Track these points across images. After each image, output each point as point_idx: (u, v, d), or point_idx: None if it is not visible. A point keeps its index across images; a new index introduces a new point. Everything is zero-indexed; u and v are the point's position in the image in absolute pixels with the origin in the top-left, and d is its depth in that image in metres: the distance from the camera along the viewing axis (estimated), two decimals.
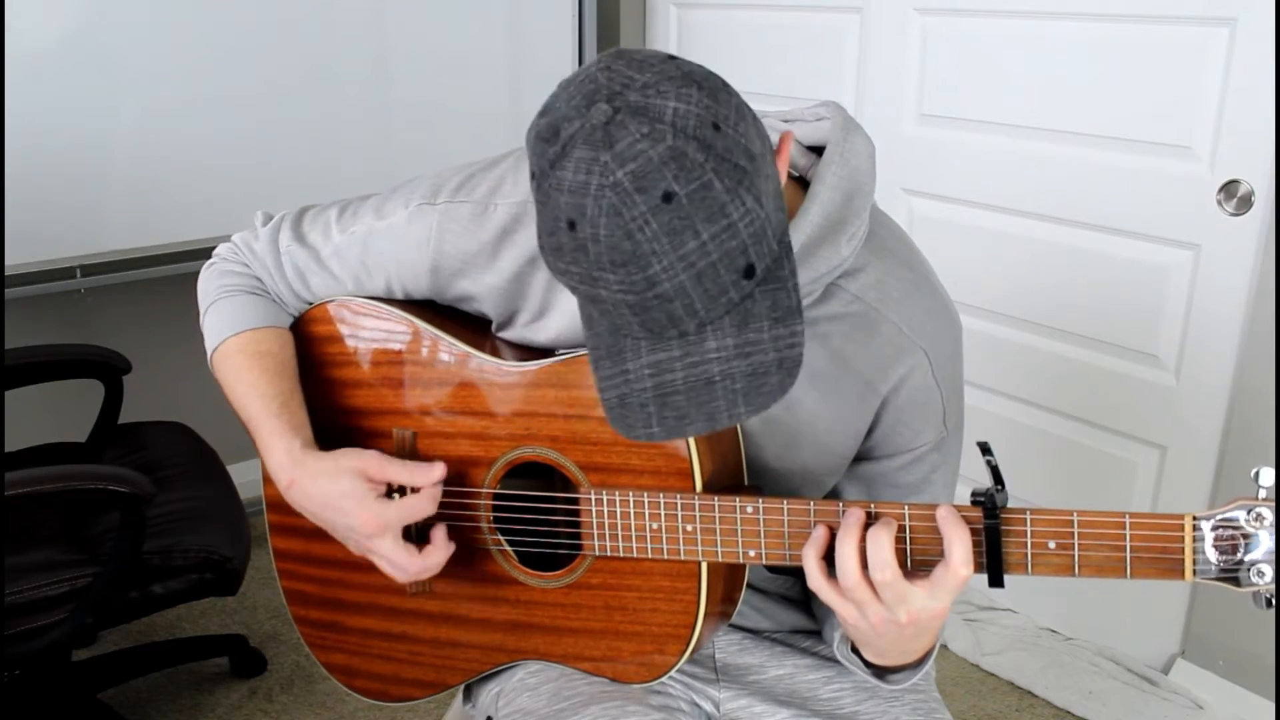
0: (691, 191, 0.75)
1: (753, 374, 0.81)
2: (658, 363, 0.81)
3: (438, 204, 1.08)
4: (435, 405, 1.11)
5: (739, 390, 0.81)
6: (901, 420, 1.03)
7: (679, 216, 0.75)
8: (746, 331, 0.80)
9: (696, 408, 0.82)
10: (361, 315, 1.14)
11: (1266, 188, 1.90)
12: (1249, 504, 0.84)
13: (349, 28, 2.52)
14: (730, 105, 0.79)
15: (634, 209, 0.75)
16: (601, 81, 0.78)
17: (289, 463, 1.06)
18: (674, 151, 0.75)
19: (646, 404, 0.82)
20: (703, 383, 0.81)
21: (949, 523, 0.88)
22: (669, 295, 0.78)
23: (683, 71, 0.79)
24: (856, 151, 0.99)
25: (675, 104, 0.77)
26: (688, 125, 0.76)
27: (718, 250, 0.77)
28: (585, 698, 1.08)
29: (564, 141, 0.77)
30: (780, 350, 0.82)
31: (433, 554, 1.05)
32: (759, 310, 0.80)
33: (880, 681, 1.05)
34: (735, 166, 0.77)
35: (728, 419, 0.82)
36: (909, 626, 0.90)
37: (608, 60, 0.81)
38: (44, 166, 2.19)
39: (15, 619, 1.58)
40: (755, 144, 0.80)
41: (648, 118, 0.76)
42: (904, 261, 1.04)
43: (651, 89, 0.77)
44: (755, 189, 0.78)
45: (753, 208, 0.78)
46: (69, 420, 2.15)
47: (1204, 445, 2.07)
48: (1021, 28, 2.20)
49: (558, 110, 0.79)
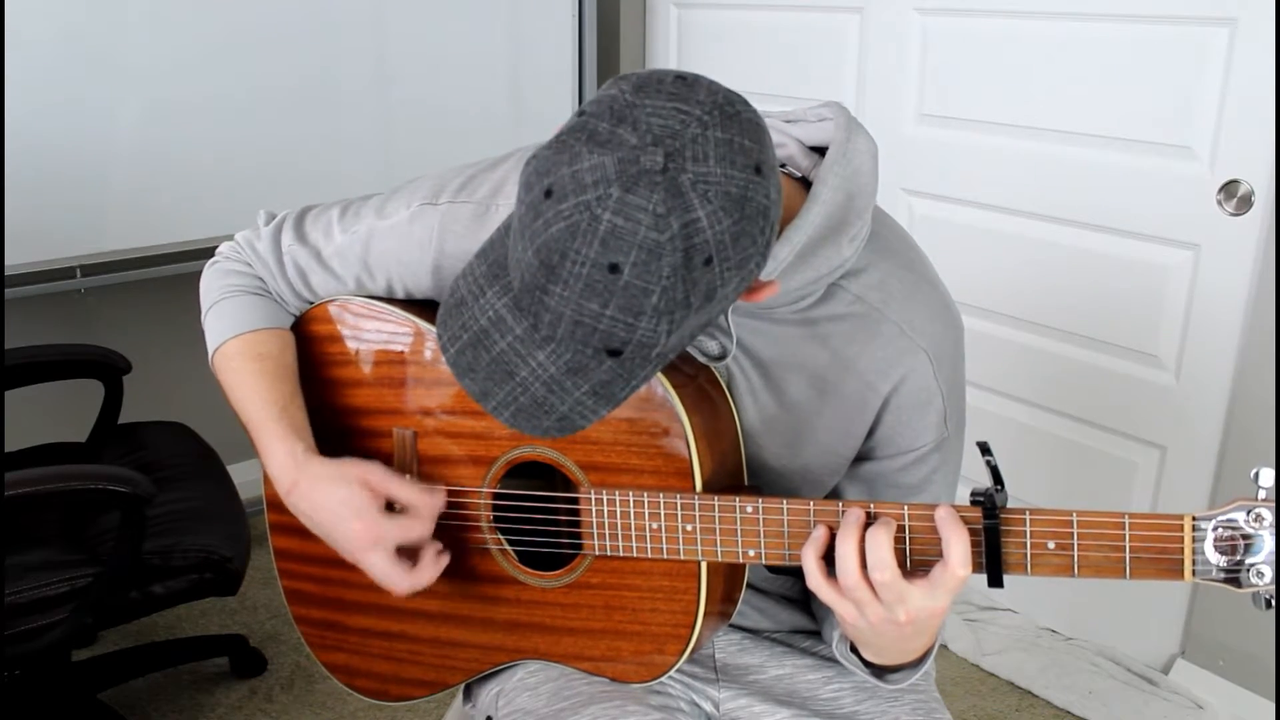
0: (630, 283, 0.76)
1: (537, 404, 0.83)
2: (502, 320, 0.82)
3: (439, 204, 1.08)
4: (435, 405, 1.11)
5: (520, 402, 0.83)
6: (902, 421, 1.03)
7: (606, 286, 0.76)
8: (570, 377, 0.81)
9: (485, 376, 0.84)
10: (362, 315, 1.14)
11: (1266, 188, 1.90)
12: (1249, 504, 0.84)
13: (349, 28, 2.52)
14: (742, 250, 0.78)
15: (586, 247, 0.76)
16: (684, 132, 0.76)
17: (291, 466, 1.07)
18: (655, 250, 0.75)
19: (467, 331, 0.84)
20: (505, 370, 0.83)
21: (947, 523, 0.88)
22: (551, 309, 0.79)
23: (746, 178, 0.77)
24: (859, 152, 0.99)
25: (703, 214, 0.76)
26: (690, 243, 0.76)
27: (607, 327, 0.78)
28: (585, 697, 1.08)
29: (606, 140, 0.76)
30: (571, 412, 0.83)
31: (422, 572, 1.06)
32: (593, 374, 0.81)
33: (879, 681, 1.05)
34: (681, 301, 0.77)
35: (488, 406, 0.85)
36: (908, 626, 0.91)
37: (714, 99, 0.78)
38: (44, 166, 2.19)
39: (15, 619, 1.58)
40: (729, 286, 0.79)
41: (674, 203, 0.75)
42: (906, 262, 1.04)
43: (702, 182, 0.76)
44: (674, 323, 0.78)
45: (659, 333, 0.78)
46: (69, 420, 2.15)
47: (1204, 445, 2.07)
48: (1021, 28, 2.20)
49: (643, 107, 0.77)
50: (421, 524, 1.05)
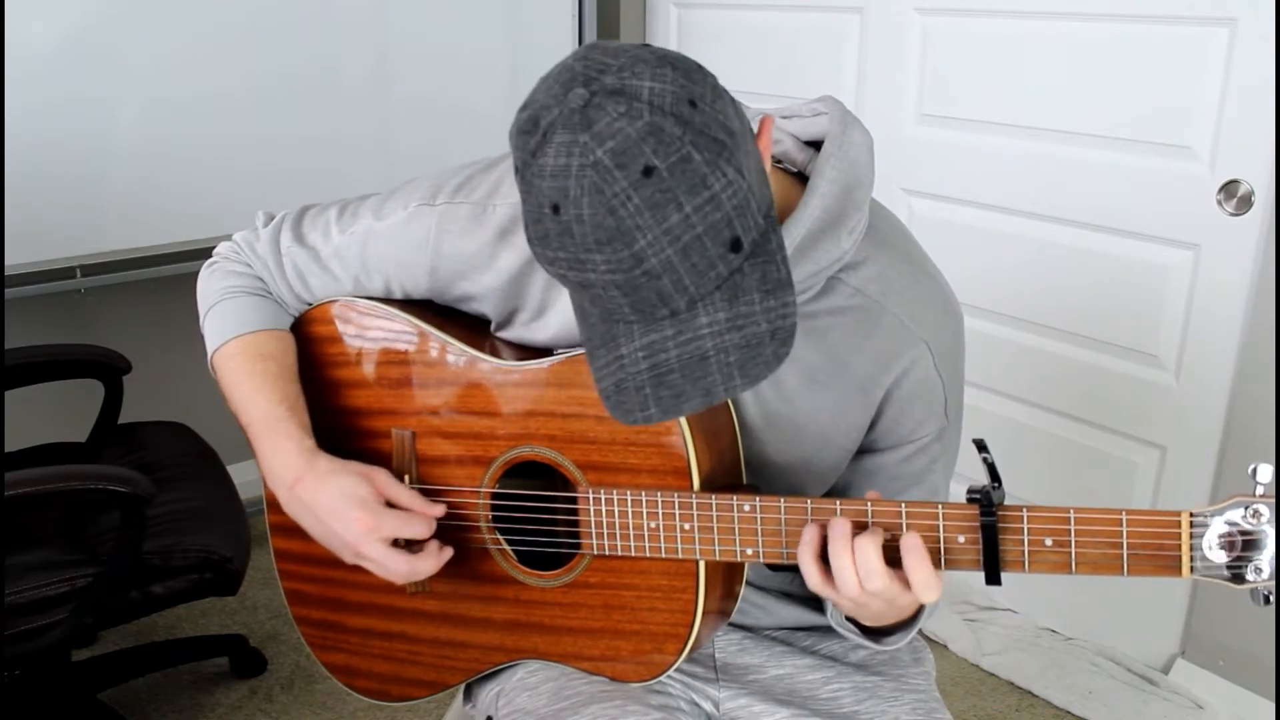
0: (672, 165, 0.76)
1: (746, 346, 0.81)
2: (651, 344, 0.81)
3: (437, 205, 1.08)
4: (434, 405, 1.11)
5: (734, 363, 0.81)
6: (904, 412, 1.04)
7: (660, 190, 0.76)
8: (738, 305, 0.80)
9: (692, 384, 0.82)
10: (361, 316, 1.14)
11: (1266, 188, 1.90)
12: (1247, 500, 0.84)
13: (349, 28, 2.52)
14: (706, 84, 0.80)
15: (615, 185, 0.76)
16: (578, 70, 0.80)
17: (300, 462, 1.06)
18: (652, 127, 0.76)
19: (643, 386, 0.83)
20: (697, 359, 0.81)
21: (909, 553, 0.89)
22: (656, 272, 0.78)
23: (657, 55, 0.81)
24: (855, 144, 0.99)
25: (651, 84, 0.78)
26: (664, 102, 0.77)
27: (702, 223, 0.77)
28: (585, 697, 1.08)
29: (543, 129, 0.78)
30: (773, 321, 0.82)
31: (423, 560, 1.05)
32: (749, 284, 0.81)
33: (877, 645, 1.08)
34: (714, 140, 0.77)
35: (724, 392, 0.82)
36: (907, 609, 0.97)
37: (583, 51, 0.82)
38: (44, 166, 2.19)
39: (15, 619, 1.58)
40: (733, 121, 0.80)
41: (624, 97, 0.77)
42: (904, 254, 1.04)
43: (627, 71, 0.78)
44: (735, 161, 0.78)
45: (734, 179, 0.78)
46: (69, 420, 2.15)
47: (1204, 445, 2.07)
48: (1021, 28, 2.20)
49: (536, 101, 0.81)
50: (420, 523, 1.05)
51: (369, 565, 1.05)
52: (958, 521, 0.90)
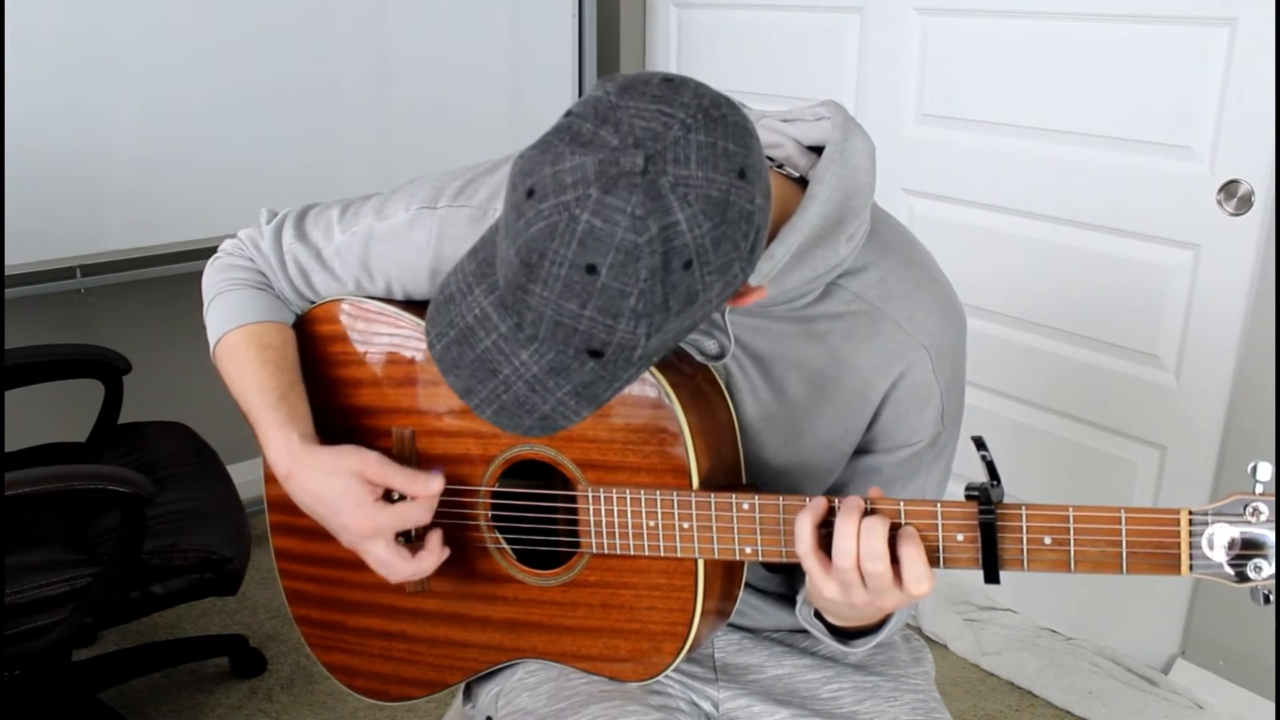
0: (607, 284, 0.75)
1: (520, 403, 0.83)
2: (487, 318, 0.82)
3: (438, 208, 1.08)
4: (435, 404, 1.11)
5: (503, 400, 0.83)
6: (899, 416, 1.04)
7: (584, 287, 0.76)
8: (553, 376, 0.81)
9: (469, 373, 0.84)
10: (362, 315, 1.15)
11: (1266, 188, 1.90)
12: (1246, 498, 0.84)
13: (349, 28, 2.52)
14: (724, 254, 0.77)
15: (565, 248, 0.75)
16: (665, 134, 0.76)
17: (287, 456, 1.06)
18: (633, 252, 0.75)
19: (453, 328, 0.84)
20: (489, 368, 0.83)
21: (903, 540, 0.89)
22: (533, 308, 0.78)
23: (729, 182, 0.76)
24: (856, 151, 0.99)
25: (682, 217, 0.75)
26: (669, 246, 0.75)
27: (586, 327, 0.77)
28: (584, 697, 1.08)
29: (588, 141, 0.76)
30: (553, 411, 0.83)
31: (425, 559, 1.06)
32: (575, 374, 0.81)
33: (844, 647, 1.06)
34: (660, 304, 0.76)
35: (471, 403, 0.85)
36: (886, 609, 0.95)
37: (699, 102, 0.78)
38: (44, 166, 2.19)
39: (15, 619, 1.58)
40: (710, 291, 0.78)
41: (652, 205, 0.74)
42: (906, 259, 1.04)
43: (682, 185, 0.75)
44: (654, 326, 0.78)
45: (637, 336, 0.78)
46: (69, 420, 2.15)
47: (1204, 445, 2.07)
48: (1021, 28, 2.20)
49: (627, 109, 0.77)
50: (420, 509, 1.05)
51: (370, 562, 1.06)
52: (956, 520, 0.90)
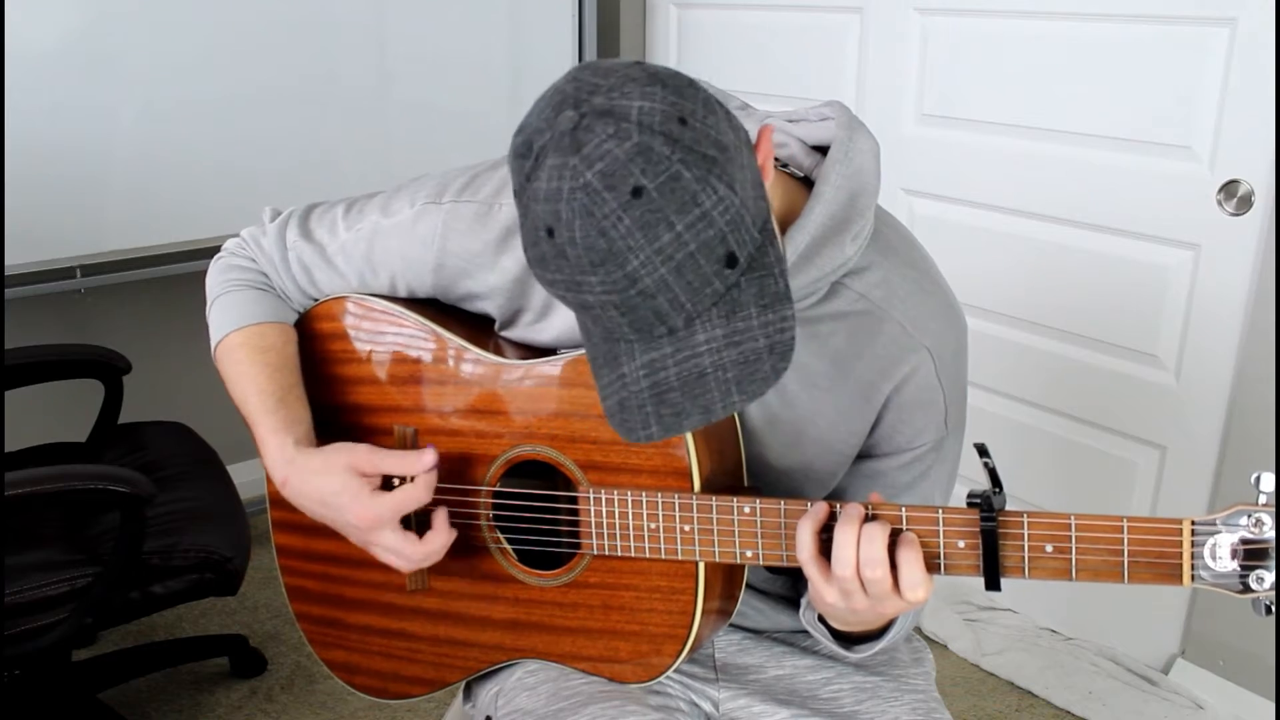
0: (660, 184, 0.76)
1: (744, 362, 0.81)
2: (651, 362, 0.81)
3: (443, 204, 1.09)
4: (437, 402, 1.11)
5: (731, 379, 0.81)
6: (902, 419, 1.03)
7: (650, 210, 0.76)
8: (735, 320, 0.80)
9: (691, 401, 0.82)
10: (365, 312, 1.15)
11: (1266, 188, 1.90)
12: (1249, 509, 0.83)
13: (349, 28, 2.52)
14: (697, 100, 0.80)
15: (605, 207, 0.76)
16: (568, 91, 0.80)
17: (282, 461, 1.07)
18: (640, 147, 0.76)
19: (644, 404, 0.83)
20: (695, 376, 0.81)
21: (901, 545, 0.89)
22: (651, 291, 0.78)
23: (648, 73, 0.80)
24: (861, 151, 0.99)
25: (640, 103, 0.77)
26: (653, 122, 0.77)
27: (695, 240, 0.77)
28: (584, 697, 1.08)
29: (536, 153, 0.78)
30: (770, 336, 0.82)
31: (434, 539, 1.05)
32: (745, 298, 0.81)
33: (847, 652, 1.06)
34: (704, 157, 0.77)
35: (722, 409, 0.82)
36: (888, 615, 0.94)
37: (574, 72, 0.82)
38: (44, 166, 2.19)
39: (15, 619, 1.58)
40: (726, 135, 0.80)
41: (613, 118, 0.77)
42: (909, 261, 1.04)
43: (616, 91, 0.78)
44: (728, 177, 0.78)
45: (726, 195, 0.78)
46: (69, 420, 2.15)
47: (1204, 445, 2.07)
48: (1021, 28, 2.20)
49: (530, 125, 0.81)
50: (418, 489, 1.04)
51: (380, 553, 1.05)
52: (958, 526, 0.90)
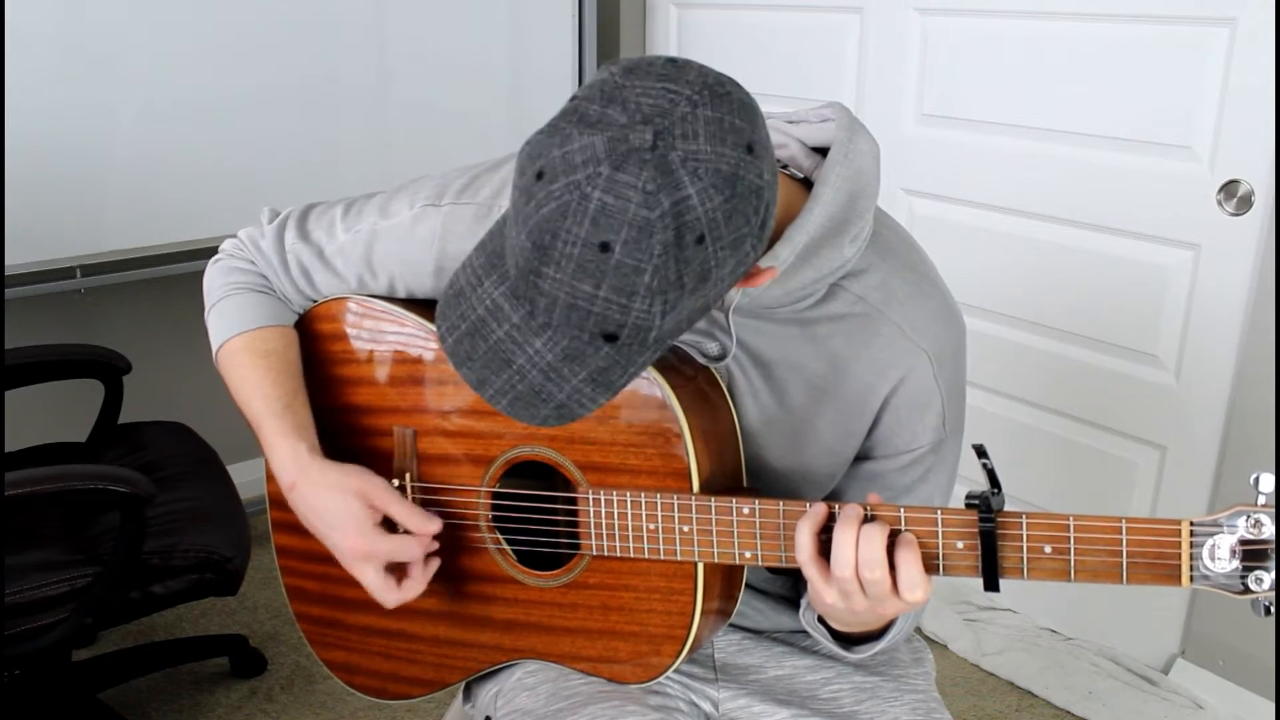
0: (621, 262, 0.75)
1: (535, 392, 0.83)
2: (499, 308, 0.82)
3: (442, 205, 1.09)
4: (436, 403, 1.11)
5: (518, 390, 0.83)
6: (900, 421, 1.03)
7: (598, 266, 0.76)
8: (567, 364, 0.81)
9: (482, 364, 0.84)
10: (364, 313, 1.15)
11: (1266, 188, 1.90)
12: (1248, 510, 0.83)
13: (349, 28, 2.52)
14: (735, 229, 0.77)
15: (577, 226, 0.75)
16: (673, 110, 0.76)
17: (294, 467, 1.07)
18: (646, 228, 0.75)
19: (465, 320, 0.84)
20: (503, 358, 0.83)
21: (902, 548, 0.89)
22: (546, 293, 0.78)
23: (738, 156, 0.77)
24: (861, 152, 0.99)
25: (693, 191, 0.75)
26: (681, 221, 0.75)
27: (600, 309, 0.77)
28: (583, 697, 1.08)
29: (596, 121, 0.76)
30: (569, 400, 0.83)
31: (409, 587, 1.08)
32: (590, 360, 0.81)
33: (845, 652, 1.06)
34: (674, 281, 0.77)
35: (485, 394, 0.84)
36: (888, 616, 0.94)
37: (703, 80, 0.78)
38: (44, 166, 2.19)
39: (15, 619, 1.58)
40: (723, 268, 0.79)
41: (663, 180, 0.75)
42: (908, 263, 1.04)
43: (692, 159, 0.75)
44: (669, 305, 0.78)
45: (652, 314, 0.78)
46: (69, 420, 2.15)
47: (1204, 445, 2.07)
48: (1021, 28, 2.19)
49: (633, 88, 0.77)
50: (414, 545, 1.07)
51: (360, 581, 1.08)
52: (956, 527, 0.90)
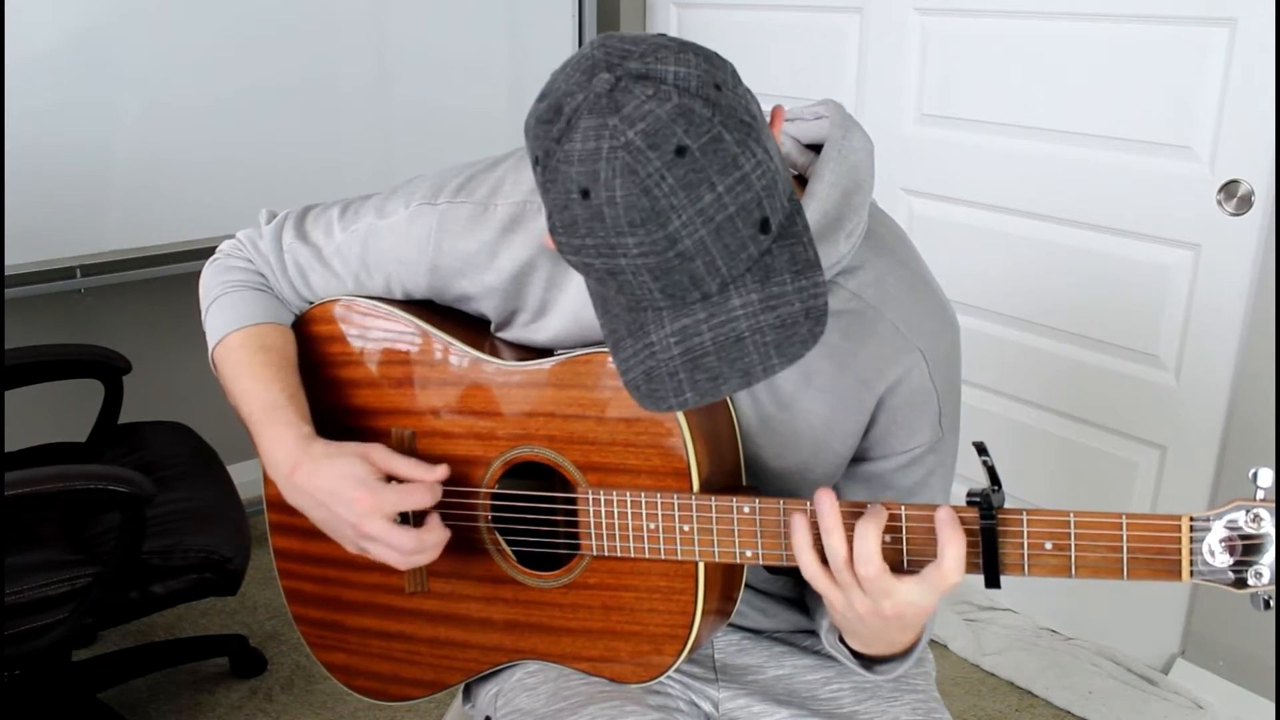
0: (704, 144, 0.76)
1: (781, 326, 0.81)
2: (683, 329, 0.81)
3: (438, 204, 1.09)
4: (434, 405, 1.11)
5: (770, 343, 0.81)
6: (896, 421, 1.03)
7: (694, 170, 0.76)
8: (769, 285, 0.81)
9: (729, 365, 0.81)
10: (362, 315, 1.15)
11: (1266, 188, 1.90)
12: (1247, 505, 0.83)
13: (350, 28, 2.52)
14: (726, 70, 0.81)
15: (649, 165, 0.76)
16: (599, 57, 0.80)
17: (297, 449, 1.05)
18: (681, 109, 0.76)
19: (676, 372, 0.82)
20: (732, 340, 0.81)
21: (945, 526, 0.88)
22: (690, 253, 0.78)
23: (677, 42, 0.82)
24: (855, 149, 0.99)
25: (675, 67, 0.78)
26: (690, 85, 0.78)
27: (734, 203, 0.77)
28: (584, 697, 1.08)
29: (568, 116, 0.78)
30: (805, 301, 0.82)
31: (429, 534, 1.03)
32: (779, 264, 0.81)
33: (867, 672, 1.05)
34: (741, 122, 0.78)
35: (762, 372, 0.82)
36: (894, 620, 0.91)
37: (601, 39, 0.82)
38: (44, 166, 2.19)
39: (15, 619, 1.58)
40: (754, 106, 0.82)
41: (651, 81, 0.78)
42: (902, 260, 1.04)
43: (650, 56, 0.79)
44: (763, 142, 0.79)
45: (763, 159, 0.79)
46: (69, 420, 2.15)
47: (1204, 445, 2.07)
48: (1021, 28, 2.20)
49: (557, 89, 0.81)
50: (422, 490, 1.03)
51: (374, 547, 1.03)
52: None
